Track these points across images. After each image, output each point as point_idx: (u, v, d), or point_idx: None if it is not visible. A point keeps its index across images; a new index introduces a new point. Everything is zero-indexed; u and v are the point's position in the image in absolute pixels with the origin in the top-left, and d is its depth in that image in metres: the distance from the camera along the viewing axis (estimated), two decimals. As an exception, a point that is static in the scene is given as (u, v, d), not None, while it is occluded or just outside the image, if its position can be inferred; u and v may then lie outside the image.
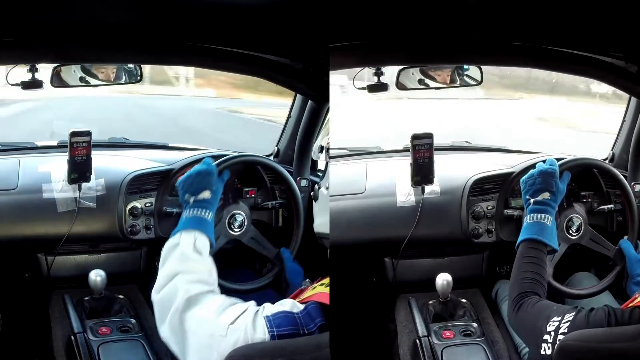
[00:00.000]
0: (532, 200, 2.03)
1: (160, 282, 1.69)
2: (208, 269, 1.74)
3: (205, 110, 13.11)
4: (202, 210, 1.88)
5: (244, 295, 2.18)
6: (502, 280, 2.57)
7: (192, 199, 1.91)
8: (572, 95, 13.45)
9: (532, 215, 2.01)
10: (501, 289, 2.52)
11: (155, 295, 1.68)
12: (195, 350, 1.56)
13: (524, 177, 2.09)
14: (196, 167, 1.98)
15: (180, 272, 1.68)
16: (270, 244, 2.32)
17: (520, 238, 2.00)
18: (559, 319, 1.65)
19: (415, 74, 2.37)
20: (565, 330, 1.60)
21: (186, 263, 1.72)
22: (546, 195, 2.02)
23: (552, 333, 1.63)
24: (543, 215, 2.00)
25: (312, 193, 1.98)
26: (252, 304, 1.59)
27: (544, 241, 1.96)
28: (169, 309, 1.62)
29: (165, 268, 1.71)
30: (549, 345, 1.62)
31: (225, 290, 2.09)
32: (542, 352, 1.64)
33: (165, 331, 1.62)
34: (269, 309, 1.55)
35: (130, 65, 2.37)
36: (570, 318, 1.63)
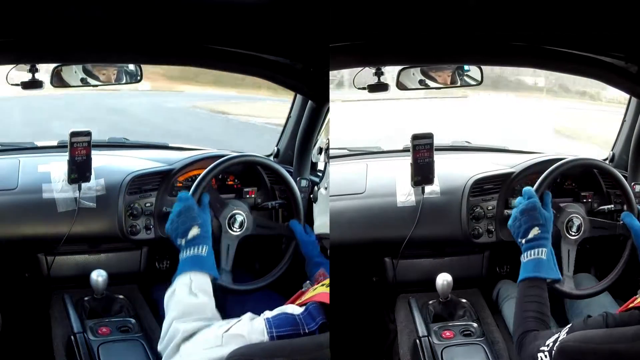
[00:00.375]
0: (523, 241, 1.98)
1: (163, 333, 1.71)
2: (206, 307, 1.74)
3: (183, 110, 12.35)
4: (195, 247, 1.86)
5: (244, 295, 2.20)
6: (503, 281, 2.57)
7: (183, 241, 1.88)
8: (519, 91, 13.18)
9: (527, 253, 1.96)
10: (502, 290, 2.52)
11: (160, 346, 1.70)
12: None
13: (509, 223, 2.05)
14: (174, 207, 1.95)
15: (177, 318, 1.69)
16: (275, 222, 2.34)
17: (519, 278, 1.96)
18: (557, 334, 1.64)
19: (415, 74, 2.37)
20: (564, 336, 1.60)
21: (183, 309, 1.72)
22: (535, 230, 1.97)
23: (550, 344, 1.63)
24: (538, 250, 1.95)
25: (311, 195, 1.98)
26: (247, 314, 1.60)
27: (542, 277, 1.93)
28: (168, 350, 1.65)
29: (166, 318, 1.73)
30: (546, 354, 1.62)
31: (225, 290, 2.10)
32: None
33: None
34: (268, 314, 1.56)
35: (131, 66, 2.37)
36: (568, 327, 1.62)
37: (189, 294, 1.74)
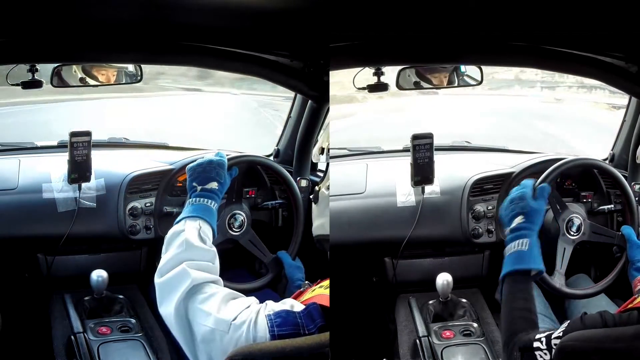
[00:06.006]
0: (508, 231, 1.90)
1: (164, 267, 1.68)
2: (212, 257, 1.73)
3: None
4: (207, 199, 1.87)
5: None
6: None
7: (199, 187, 1.89)
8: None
9: (509, 245, 1.87)
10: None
11: (159, 279, 1.67)
12: (200, 341, 1.57)
13: (500, 213, 1.96)
14: (208, 156, 1.96)
15: (185, 259, 1.67)
16: (267, 249, 2.31)
17: (502, 273, 1.87)
18: (550, 331, 1.62)
19: (411, 76, 2.37)
20: (560, 334, 1.58)
21: (191, 250, 1.71)
22: (519, 219, 1.88)
23: (544, 339, 1.59)
24: (519, 241, 1.86)
25: (311, 196, 1.98)
26: (254, 300, 1.60)
27: (524, 269, 1.84)
28: (173, 293, 1.62)
29: (169, 253, 1.71)
30: (544, 352, 1.58)
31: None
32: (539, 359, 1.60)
33: (167, 313, 1.63)
34: (271, 306, 1.56)
35: (130, 67, 2.37)
36: (564, 327, 1.61)
37: (198, 238, 1.74)
